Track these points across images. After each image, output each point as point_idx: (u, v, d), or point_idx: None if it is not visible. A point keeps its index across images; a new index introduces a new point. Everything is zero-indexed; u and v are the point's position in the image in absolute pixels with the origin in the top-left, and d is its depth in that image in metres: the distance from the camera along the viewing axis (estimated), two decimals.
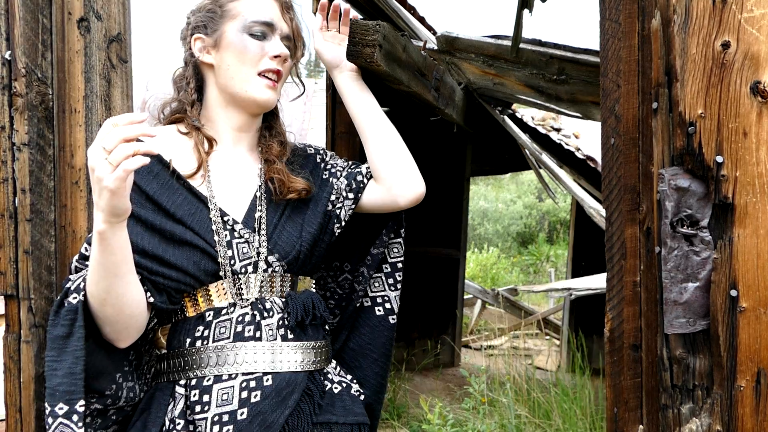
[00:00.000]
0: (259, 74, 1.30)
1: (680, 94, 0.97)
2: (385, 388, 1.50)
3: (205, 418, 1.19)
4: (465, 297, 6.72)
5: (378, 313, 1.48)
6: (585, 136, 4.94)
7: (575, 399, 3.80)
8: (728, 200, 0.96)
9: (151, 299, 1.18)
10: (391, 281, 1.49)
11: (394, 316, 1.48)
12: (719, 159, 0.96)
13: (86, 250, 1.20)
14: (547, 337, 7.22)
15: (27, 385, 1.26)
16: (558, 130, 4.89)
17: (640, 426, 1.10)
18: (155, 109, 1.38)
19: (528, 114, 4.91)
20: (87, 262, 1.17)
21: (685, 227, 0.99)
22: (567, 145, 4.40)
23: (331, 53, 1.44)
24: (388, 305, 1.48)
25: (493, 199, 16.55)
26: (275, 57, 1.30)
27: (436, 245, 5.82)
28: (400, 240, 1.50)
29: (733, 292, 0.96)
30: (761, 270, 0.96)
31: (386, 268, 1.49)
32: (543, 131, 4.48)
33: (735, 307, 0.96)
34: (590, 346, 5.20)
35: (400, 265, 1.50)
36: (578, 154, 4.31)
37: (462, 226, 6.00)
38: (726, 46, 0.95)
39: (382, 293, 1.48)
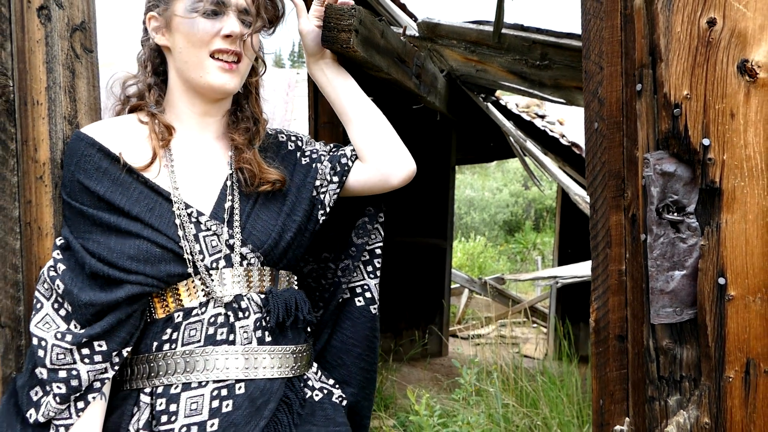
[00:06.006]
0: (212, 56, 1.19)
1: (665, 74, 0.94)
2: (373, 384, 1.42)
3: (172, 429, 1.11)
4: (452, 286, 6.70)
5: (358, 303, 1.39)
6: (569, 123, 4.92)
7: (562, 387, 3.80)
8: (716, 185, 0.93)
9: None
10: (370, 268, 1.41)
11: (376, 306, 1.40)
12: (706, 142, 0.93)
13: (59, 255, 1.15)
14: (534, 325, 7.23)
15: None
16: (542, 116, 4.87)
17: (626, 418, 1.07)
18: (118, 90, 1.30)
19: (512, 101, 4.88)
20: (59, 267, 1.14)
21: (672, 213, 0.96)
22: (551, 132, 4.38)
23: (317, 39, 1.33)
24: (368, 294, 1.40)
25: (479, 187, 16.56)
26: (227, 37, 1.18)
27: (422, 235, 5.79)
28: (378, 225, 1.42)
29: (721, 280, 0.94)
30: (750, 257, 0.93)
31: (365, 256, 1.41)
32: (527, 118, 4.46)
33: (723, 295, 0.94)
34: (577, 334, 5.21)
35: (378, 251, 1.42)
36: (563, 141, 4.29)
37: (448, 215, 5.97)
38: (712, 23, 0.92)
39: (362, 282, 1.40)
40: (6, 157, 1.22)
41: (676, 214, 0.96)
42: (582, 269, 4.35)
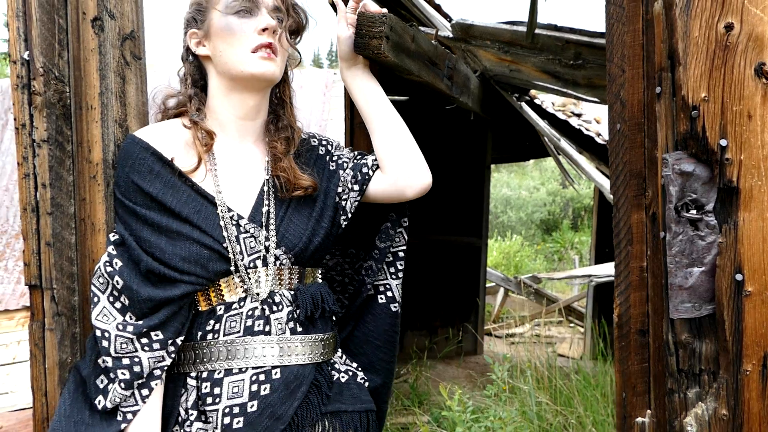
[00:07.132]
0: (252, 52, 1.28)
1: (683, 77, 0.96)
2: (392, 372, 1.52)
3: (216, 410, 1.22)
4: (488, 285, 6.71)
5: (380, 301, 1.48)
6: (606, 121, 4.87)
7: (597, 386, 3.79)
8: (733, 184, 0.96)
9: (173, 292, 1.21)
10: (392, 270, 1.49)
11: (396, 304, 1.49)
12: (723, 142, 0.95)
13: (114, 250, 1.23)
14: (572, 325, 7.18)
15: (52, 371, 1.31)
16: (579, 115, 4.84)
17: (648, 410, 1.10)
18: (160, 102, 1.39)
19: (548, 100, 4.87)
20: (116, 263, 1.22)
21: (690, 212, 0.99)
22: (587, 130, 4.35)
23: (352, 44, 1.41)
24: (390, 293, 1.48)
25: (516, 186, 16.43)
26: (263, 30, 1.27)
27: (457, 234, 5.83)
28: (402, 230, 1.50)
29: (739, 276, 0.96)
30: (767, 254, 0.95)
31: (388, 258, 1.49)
32: (562, 117, 4.44)
33: (740, 291, 0.96)
34: (613, 334, 5.17)
35: (401, 254, 1.50)
36: (598, 140, 4.26)
37: (483, 214, 5.99)
38: (729, 27, 0.94)
39: (384, 282, 1.49)
40: (63, 158, 1.31)
41: (695, 212, 0.99)
42: None
